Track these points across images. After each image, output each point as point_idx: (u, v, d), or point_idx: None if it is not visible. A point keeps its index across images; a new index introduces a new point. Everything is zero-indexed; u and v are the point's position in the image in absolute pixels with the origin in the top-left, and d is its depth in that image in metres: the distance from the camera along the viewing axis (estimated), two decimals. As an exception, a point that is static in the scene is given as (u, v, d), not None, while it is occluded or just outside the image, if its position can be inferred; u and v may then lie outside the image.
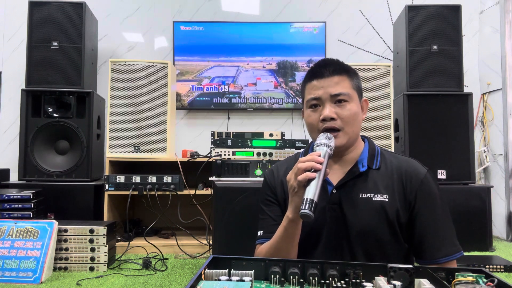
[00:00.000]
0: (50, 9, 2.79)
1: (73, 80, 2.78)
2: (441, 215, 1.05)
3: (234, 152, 2.77)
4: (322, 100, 1.08)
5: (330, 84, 1.07)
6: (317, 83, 1.09)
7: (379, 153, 1.14)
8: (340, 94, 1.06)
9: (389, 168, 1.10)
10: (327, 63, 1.11)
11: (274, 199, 1.18)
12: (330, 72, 1.08)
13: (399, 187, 1.06)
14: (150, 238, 2.59)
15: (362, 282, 0.63)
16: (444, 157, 2.71)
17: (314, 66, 1.14)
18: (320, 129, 1.08)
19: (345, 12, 3.61)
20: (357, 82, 1.13)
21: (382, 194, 1.05)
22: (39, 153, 2.70)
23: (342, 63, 1.13)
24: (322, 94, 1.08)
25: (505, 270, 2.14)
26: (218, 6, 3.61)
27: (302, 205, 0.88)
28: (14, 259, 1.92)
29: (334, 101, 1.07)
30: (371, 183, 1.07)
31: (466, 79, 2.96)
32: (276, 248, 1.05)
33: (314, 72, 1.11)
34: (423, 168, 1.10)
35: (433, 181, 1.08)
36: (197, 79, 3.50)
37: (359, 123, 1.11)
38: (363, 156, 1.12)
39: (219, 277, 0.62)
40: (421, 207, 1.04)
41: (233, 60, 3.51)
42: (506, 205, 3.12)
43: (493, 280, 0.58)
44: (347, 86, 1.08)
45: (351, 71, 1.12)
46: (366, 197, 1.05)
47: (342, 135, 1.07)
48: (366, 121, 2.68)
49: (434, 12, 2.81)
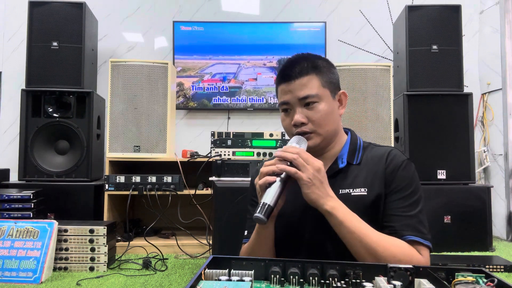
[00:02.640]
0: (50, 9, 2.79)
1: (73, 80, 2.78)
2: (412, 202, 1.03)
3: (234, 152, 2.77)
4: (291, 104, 1.05)
5: (297, 87, 1.04)
6: (285, 87, 1.06)
7: (361, 147, 1.12)
8: (307, 97, 1.03)
9: (369, 160, 1.08)
10: (293, 63, 1.06)
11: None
12: (297, 74, 1.04)
13: (380, 172, 1.04)
14: (150, 238, 2.59)
15: (362, 282, 0.63)
16: (444, 157, 2.71)
17: (282, 67, 1.10)
18: (294, 133, 1.06)
19: (345, 12, 3.61)
20: (330, 76, 1.08)
21: (360, 188, 1.03)
22: (39, 153, 2.70)
23: (311, 58, 1.08)
24: (290, 98, 1.05)
25: (505, 270, 2.14)
26: (218, 6, 3.61)
27: (257, 208, 0.88)
28: (14, 259, 1.92)
29: (303, 104, 1.04)
30: (350, 178, 1.06)
31: (466, 79, 2.96)
32: (253, 250, 1.06)
33: (282, 74, 1.08)
34: (404, 156, 1.08)
35: (411, 169, 1.06)
36: (198, 75, 3.51)
37: (335, 121, 1.08)
38: (343, 152, 1.10)
39: (219, 277, 0.62)
40: (394, 188, 1.03)
41: (234, 58, 3.51)
42: (506, 205, 3.12)
43: (493, 280, 0.58)
44: (315, 85, 1.04)
45: (321, 67, 1.07)
46: (345, 193, 1.03)
47: (315, 137, 1.05)
48: (366, 121, 2.68)
49: (434, 12, 2.81)
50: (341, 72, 2.71)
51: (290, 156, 0.93)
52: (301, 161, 0.93)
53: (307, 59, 1.07)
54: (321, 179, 0.94)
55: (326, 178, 0.96)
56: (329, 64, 1.10)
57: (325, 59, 1.11)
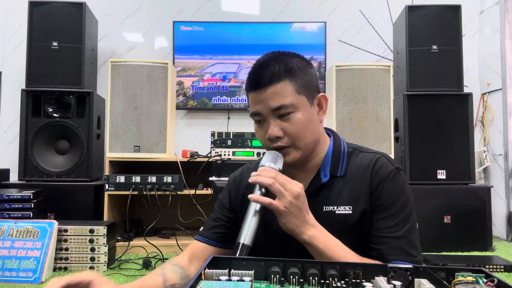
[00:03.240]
0: (50, 9, 2.79)
1: (73, 80, 2.78)
2: (400, 219, 0.92)
3: (234, 152, 2.77)
4: (264, 116, 0.94)
5: (268, 97, 0.92)
6: (255, 96, 0.94)
7: (345, 154, 1.01)
8: (281, 107, 0.91)
9: (354, 171, 0.98)
10: (263, 67, 0.94)
11: (228, 208, 1.09)
12: (268, 80, 0.92)
13: (366, 185, 0.95)
14: (150, 238, 2.59)
15: (362, 282, 0.63)
16: (444, 157, 2.71)
17: (250, 72, 0.97)
18: (270, 147, 0.96)
19: (345, 12, 3.61)
20: (306, 80, 0.95)
21: (345, 206, 0.95)
22: (39, 153, 2.70)
23: (283, 60, 0.95)
24: (262, 109, 0.93)
25: (505, 270, 2.14)
26: (218, 6, 3.61)
27: (235, 250, 0.82)
28: (14, 259, 1.92)
29: (278, 115, 0.93)
30: (334, 193, 0.97)
31: (466, 79, 2.96)
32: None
33: (251, 81, 0.95)
34: (392, 165, 0.96)
35: (400, 180, 0.95)
36: (199, 74, 3.51)
37: (314, 130, 0.97)
38: (326, 162, 1.00)
39: (219, 277, 0.62)
40: (381, 204, 0.93)
41: (234, 58, 3.51)
42: (506, 205, 3.12)
43: (493, 280, 0.58)
44: (289, 93, 0.92)
45: (296, 69, 0.94)
46: (330, 210, 0.95)
47: (293, 151, 0.95)
48: (366, 121, 2.68)
49: (434, 12, 2.81)
50: (341, 72, 2.71)
51: (265, 182, 0.85)
52: (277, 188, 0.85)
53: (278, 61, 0.94)
54: (300, 206, 0.85)
55: (305, 202, 0.87)
56: (304, 64, 0.97)
57: (300, 57, 0.99)
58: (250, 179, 0.88)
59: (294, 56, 0.98)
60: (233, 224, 1.06)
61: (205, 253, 1.05)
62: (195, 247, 1.07)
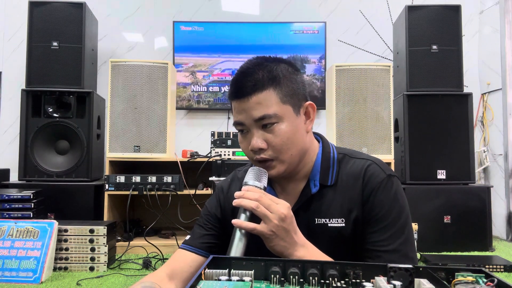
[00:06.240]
0: (50, 9, 2.79)
1: (73, 80, 2.78)
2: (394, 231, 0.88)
3: (234, 152, 2.77)
4: (247, 126, 0.90)
5: (251, 106, 0.87)
6: (238, 105, 0.90)
7: (335, 162, 0.96)
8: (264, 117, 0.87)
9: (345, 180, 0.94)
10: (246, 75, 0.89)
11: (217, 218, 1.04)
12: (251, 89, 0.87)
13: (357, 195, 0.92)
14: (150, 238, 2.58)
15: (362, 282, 0.63)
16: (444, 157, 2.71)
17: (233, 79, 0.92)
18: (253, 159, 0.92)
19: (345, 12, 3.61)
20: (292, 88, 0.90)
21: (337, 219, 0.91)
22: (39, 153, 2.70)
23: (268, 66, 0.90)
24: (245, 119, 0.89)
25: (505, 270, 2.14)
26: (218, 6, 3.61)
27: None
28: (14, 259, 1.92)
29: (261, 126, 0.88)
30: (325, 205, 0.93)
31: (466, 79, 2.96)
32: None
33: (234, 88, 0.91)
34: (384, 173, 0.92)
35: (392, 188, 0.91)
36: (208, 70, 3.51)
37: (300, 140, 0.91)
38: (315, 171, 0.95)
39: (219, 277, 0.62)
40: (373, 216, 0.90)
41: (234, 58, 3.50)
42: (506, 205, 3.12)
43: (493, 280, 0.58)
44: (273, 102, 0.87)
45: (281, 76, 0.89)
46: (322, 223, 0.92)
47: (278, 164, 0.90)
48: (366, 121, 2.68)
49: (434, 12, 2.81)
50: (341, 72, 2.71)
51: (249, 206, 0.81)
52: (262, 211, 0.80)
53: (262, 68, 0.89)
54: (287, 228, 0.81)
55: (293, 223, 0.83)
56: (291, 71, 0.92)
57: (286, 63, 0.93)
58: (234, 202, 0.84)
59: (280, 62, 0.92)
60: (223, 235, 1.01)
61: (192, 265, 0.96)
62: (177, 259, 0.99)
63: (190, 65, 3.50)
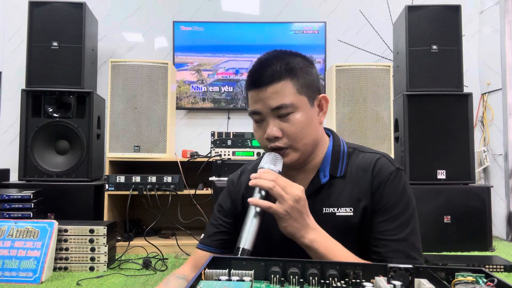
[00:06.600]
0: (50, 9, 2.79)
1: (73, 80, 2.78)
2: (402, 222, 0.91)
3: (234, 152, 2.77)
4: (263, 115, 0.93)
5: (269, 96, 0.90)
6: (255, 95, 0.92)
7: (345, 154, 0.99)
8: (281, 107, 0.90)
9: (354, 172, 0.96)
10: (265, 65, 0.92)
11: (229, 211, 1.07)
12: (269, 79, 0.90)
13: (366, 187, 0.94)
14: (150, 238, 2.59)
15: (362, 282, 0.63)
16: (444, 157, 2.71)
17: (251, 70, 0.95)
18: (268, 147, 0.94)
19: (345, 12, 3.61)
20: (308, 79, 0.94)
21: (346, 208, 0.94)
22: (39, 153, 2.70)
23: (285, 58, 0.93)
24: (261, 108, 0.92)
25: (505, 270, 2.14)
26: (218, 6, 3.61)
27: (235, 252, 0.81)
28: (14, 259, 1.92)
29: (277, 115, 0.91)
30: (334, 194, 0.95)
31: (466, 79, 2.96)
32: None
33: (251, 78, 0.94)
34: (393, 166, 0.95)
35: (401, 181, 0.93)
36: (213, 69, 3.51)
37: (314, 131, 0.95)
38: (325, 163, 0.98)
39: (219, 277, 0.62)
40: (382, 206, 0.92)
41: (234, 57, 3.51)
42: (506, 205, 3.12)
43: (493, 280, 0.58)
44: (290, 92, 0.90)
45: (297, 68, 0.92)
46: (330, 212, 0.94)
47: (292, 152, 0.93)
48: (366, 121, 2.68)
49: (434, 12, 2.81)
50: (341, 72, 2.71)
51: (266, 185, 0.84)
52: (278, 191, 0.83)
53: (280, 60, 0.92)
54: (301, 209, 0.84)
55: (306, 206, 0.86)
56: (306, 64, 0.96)
57: (302, 57, 0.97)
58: (250, 182, 0.87)
59: (296, 55, 0.96)
60: (234, 229, 1.04)
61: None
62: (197, 257, 1.06)
63: (195, 64, 3.51)
